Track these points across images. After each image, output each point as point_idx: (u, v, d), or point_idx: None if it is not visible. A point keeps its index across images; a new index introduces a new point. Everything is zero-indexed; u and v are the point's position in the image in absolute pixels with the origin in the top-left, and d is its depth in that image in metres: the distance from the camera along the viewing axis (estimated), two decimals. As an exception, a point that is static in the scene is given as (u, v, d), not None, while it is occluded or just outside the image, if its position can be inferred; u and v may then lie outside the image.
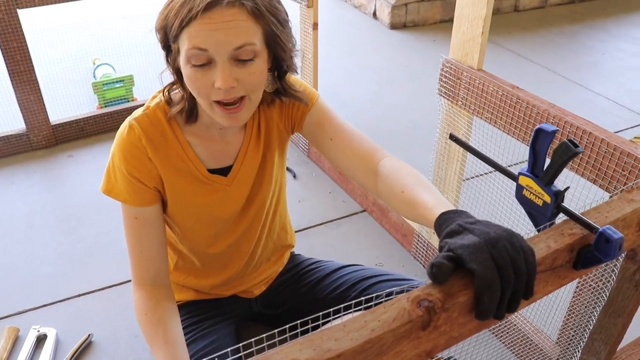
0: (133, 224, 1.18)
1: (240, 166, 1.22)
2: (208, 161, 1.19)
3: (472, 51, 1.40)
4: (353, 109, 2.91)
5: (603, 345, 1.27)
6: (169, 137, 1.14)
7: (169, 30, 0.99)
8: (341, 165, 1.21)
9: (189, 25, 0.95)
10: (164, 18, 1.00)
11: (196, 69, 0.99)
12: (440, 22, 4.17)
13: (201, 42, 0.95)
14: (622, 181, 1.10)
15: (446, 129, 1.57)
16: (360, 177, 1.17)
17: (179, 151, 1.15)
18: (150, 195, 1.17)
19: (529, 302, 0.78)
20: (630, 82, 3.32)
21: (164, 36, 1.03)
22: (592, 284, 1.23)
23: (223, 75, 0.97)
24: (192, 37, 0.96)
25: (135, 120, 1.12)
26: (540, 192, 0.89)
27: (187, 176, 1.18)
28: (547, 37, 3.96)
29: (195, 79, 1.00)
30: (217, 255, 1.34)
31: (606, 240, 0.79)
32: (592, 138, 1.14)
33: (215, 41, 0.95)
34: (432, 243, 1.78)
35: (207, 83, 0.99)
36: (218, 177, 1.20)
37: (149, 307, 1.18)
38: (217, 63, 0.98)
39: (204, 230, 1.28)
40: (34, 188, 2.24)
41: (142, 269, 1.21)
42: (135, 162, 1.12)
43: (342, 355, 0.65)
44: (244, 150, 1.21)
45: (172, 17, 0.97)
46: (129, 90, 2.69)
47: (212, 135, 1.17)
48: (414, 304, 0.71)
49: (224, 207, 1.25)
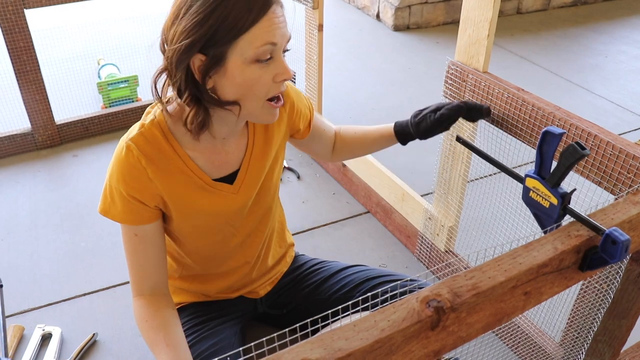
0: (133, 240, 1.18)
1: (245, 173, 1.22)
2: (211, 172, 1.18)
3: (477, 54, 1.41)
4: (356, 110, 2.91)
5: (607, 348, 1.28)
6: (168, 153, 1.12)
7: (224, 33, 0.95)
8: (315, 150, 1.44)
9: (259, 21, 0.96)
10: (210, 25, 0.95)
11: (260, 67, 1.00)
12: (444, 24, 4.18)
13: (273, 36, 0.98)
14: (628, 183, 1.10)
15: (450, 131, 1.58)
16: (325, 154, 1.46)
17: (180, 165, 1.13)
18: (150, 214, 1.16)
19: (534, 304, 0.80)
20: (632, 84, 3.33)
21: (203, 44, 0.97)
22: (597, 286, 1.23)
23: (286, 67, 1.02)
24: (264, 33, 0.97)
25: (132, 140, 1.09)
26: (547, 194, 0.89)
27: (192, 188, 1.17)
28: (549, 39, 3.97)
29: (259, 76, 1.00)
30: (224, 260, 1.35)
31: (613, 242, 0.79)
32: (598, 140, 1.15)
33: (281, 34, 0.99)
34: (435, 245, 1.78)
35: (268, 79, 1.01)
36: (224, 186, 1.20)
37: (149, 313, 1.18)
38: (275, 58, 1.01)
39: (212, 236, 1.28)
40: (39, 187, 2.25)
41: (142, 281, 1.21)
42: (135, 183, 1.11)
43: (353, 354, 0.65)
44: (249, 156, 1.21)
45: (232, 18, 0.94)
46: (134, 90, 2.70)
47: (214, 147, 1.16)
48: (423, 304, 0.71)
49: (230, 213, 1.25)
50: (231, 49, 0.98)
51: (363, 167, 2.11)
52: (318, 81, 2.27)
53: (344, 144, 1.45)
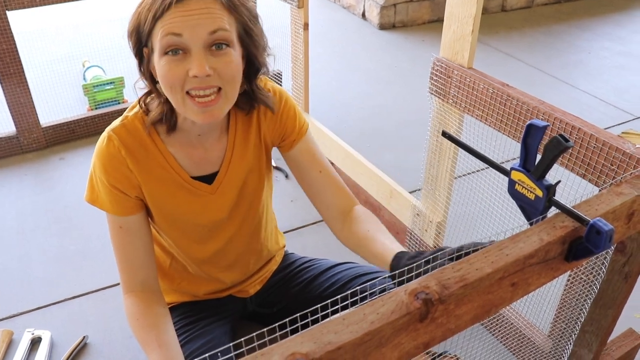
0: (118, 233, 1.18)
1: (224, 175, 1.21)
2: (190, 168, 1.18)
3: (462, 49, 1.42)
4: (342, 109, 2.92)
5: (594, 337, 1.29)
6: (149, 146, 1.13)
7: (142, 28, 0.99)
8: (319, 198, 1.29)
9: (162, 16, 0.96)
10: (136, 18, 1.00)
11: (170, 59, 0.98)
12: (429, 22, 4.20)
13: (175, 27, 0.95)
14: (611, 175, 1.12)
15: (437, 127, 1.59)
16: (332, 215, 1.27)
17: (160, 160, 1.15)
18: (133, 205, 1.16)
19: (521, 295, 0.81)
20: (615, 80, 3.37)
21: (137, 39, 1.02)
22: (583, 277, 1.25)
23: (198, 62, 0.97)
24: (165, 25, 0.96)
25: (113, 131, 1.11)
26: (532, 186, 0.90)
27: (170, 184, 1.17)
28: (534, 36, 4.00)
29: (169, 69, 0.98)
30: (207, 262, 1.35)
31: (597, 232, 0.81)
32: (582, 134, 1.16)
33: (190, 25, 0.95)
34: (424, 240, 1.79)
35: (181, 72, 0.98)
36: (202, 185, 1.20)
37: (140, 311, 1.18)
38: (192, 52, 0.97)
39: (190, 236, 1.28)
40: (26, 191, 2.23)
41: (131, 276, 1.21)
42: (115, 173, 1.12)
43: (342, 347, 0.66)
44: (229, 158, 1.21)
45: (144, 13, 0.98)
46: (120, 92, 2.69)
47: (191, 142, 1.16)
48: (411, 296, 0.72)
49: (208, 215, 1.24)
50: (151, 40, 1.00)
51: (350, 164, 2.12)
52: (304, 80, 2.28)
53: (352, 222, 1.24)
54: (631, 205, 0.95)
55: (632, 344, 1.49)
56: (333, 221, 1.28)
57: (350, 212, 1.26)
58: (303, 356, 0.64)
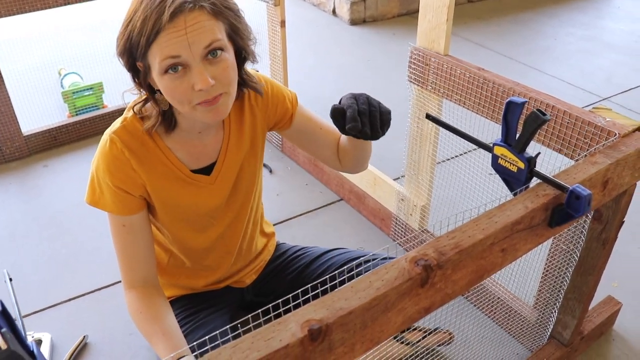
0: (121, 231, 1.22)
1: (222, 164, 1.27)
2: (190, 163, 1.23)
3: (438, 38, 1.48)
4: (319, 104, 2.95)
5: (577, 304, 1.37)
6: (150, 145, 1.17)
7: (134, 50, 1.01)
8: (321, 150, 1.40)
9: (156, 38, 0.98)
10: (126, 40, 1.02)
11: (173, 78, 1.02)
12: (399, 15, 4.28)
13: (173, 50, 0.99)
14: (585, 148, 1.19)
15: (417, 113, 1.65)
16: (331, 154, 1.39)
17: (161, 157, 1.19)
18: (137, 204, 1.21)
19: (510, 260, 0.87)
20: (580, 63, 3.48)
21: (129, 58, 1.05)
22: (564, 246, 1.32)
23: (201, 77, 1.01)
24: (162, 48, 0.99)
25: (115, 133, 1.15)
26: (514, 159, 0.97)
27: (172, 179, 1.22)
28: (501, 25, 4.10)
29: (174, 87, 1.03)
30: (207, 252, 1.39)
31: (576, 197, 0.87)
32: (556, 110, 1.23)
33: (185, 45, 0.99)
34: (410, 224, 1.86)
35: (187, 89, 1.02)
36: (202, 177, 1.25)
37: (143, 305, 1.23)
38: (192, 67, 1.01)
39: (192, 227, 1.33)
40: (12, 199, 2.24)
41: (132, 273, 1.25)
42: (120, 174, 1.16)
43: (353, 312, 0.72)
44: (225, 149, 1.26)
45: (135, 36, 1.00)
46: (99, 97, 2.70)
47: (191, 140, 1.21)
48: (412, 263, 0.78)
49: (209, 203, 1.29)
50: (147, 61, 1.03)
51: (334, 156, 2.17)
52: (283, 77, 2.32)
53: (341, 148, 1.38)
54: (605, 173, 1.03)
55: (612, 309, 1.58)
56: (333, 158, 1.40)
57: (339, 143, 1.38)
58: (317, 322, 0.70)
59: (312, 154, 1.43)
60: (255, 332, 0.68)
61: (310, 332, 0.67)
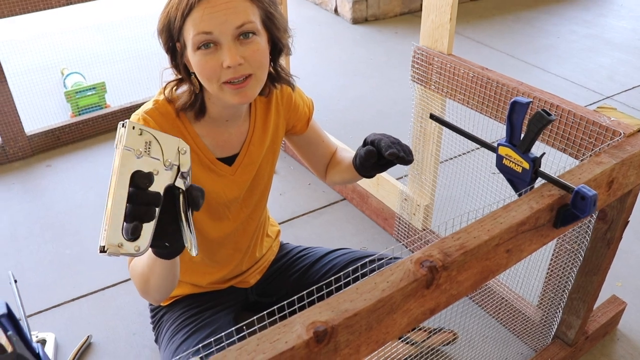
0: None
1: (244, 156, 1.29)
2: (215, 150, 1.26)
3: (441, 37, 1.48)
4: (321, 103, 2.96)
5: (582, 303, 1.37)
6: (180, 128, 1.20)
7: (172, 26, 1.07)
8: (316, 160, 1.47)
9: (190, 13, 1.03)
10: (165, 17, 1.08)
11: (204, 54, 1.05)
12: (401, 14, 4.27)
13: (205, 25, 1.03)
14: (590, 148, 1.19)
15: (421, 113, 1.65)
16: (322, 167, 1.47)
17: (190, 141, 1.22)
18: None
19: (515, 261, 0.87)
20: (584, 62, 3.47)
21: (168, 36, 1.09)
22: (568, 247, 1.32)
23: (230, 53, 1.04)
24: (196, 24, 1.03)
25: (147, 113, 1.17)
26: (519, 159, 0.97)
27: (198, 164, 1.24)
28: (504, 23, 4.10)
29: (205, 62, 1.06)
30: (218, 247, 1.39)
31: (582, 198, 0.87)
32: (560, 110, 1.23)
33: (218, 22, 1.03)
34: (413, 224, 1.85)
35: (216, 65, 1.06)
36: (223, 166, 1.27)
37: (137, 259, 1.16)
38: (223, 45, 1.05)
39: (208, 211, 1.33)
40: (15, 200, 2.24)
41: None
42: None
43: (358, 314, 0.71)
44: (248, 141, 1.29)
45: (173, 12, 1.05)
46: (102, 97, 2.70)
47: (218, 127, 1.24)
48: (417, 264, 0.78)
49: (227, 193, 1.31)
50: (182, 38, 1.08)
51: (337, 156, 2.17)
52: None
53: (333, 164, 1.46)
54: (610, 173, 1.02)
55: (616, 309, 1.57)
56: (322, 170, 1.48)
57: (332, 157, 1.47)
58: (323, 324, 0.70)
59: (307, 161, 1.49)
60: (260, 334, 0.68)
61: (316, 334, 0.67)
